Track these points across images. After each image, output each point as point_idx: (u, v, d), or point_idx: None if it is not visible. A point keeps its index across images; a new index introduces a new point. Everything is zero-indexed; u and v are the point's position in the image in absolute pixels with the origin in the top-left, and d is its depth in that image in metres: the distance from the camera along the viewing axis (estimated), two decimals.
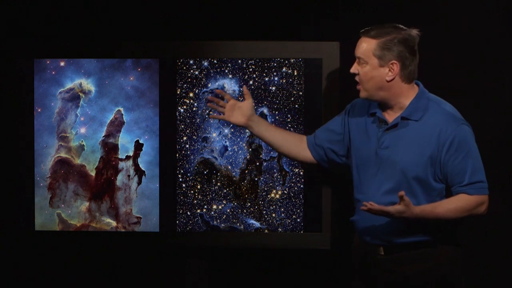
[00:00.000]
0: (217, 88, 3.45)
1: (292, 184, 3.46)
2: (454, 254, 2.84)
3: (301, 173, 3.45)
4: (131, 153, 3.51)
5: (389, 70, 2.79)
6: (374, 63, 2.80)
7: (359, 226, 2.92)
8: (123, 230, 3.51)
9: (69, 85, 3.51)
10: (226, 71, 3.46)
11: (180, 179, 3.49)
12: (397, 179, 2.79)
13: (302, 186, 3.45)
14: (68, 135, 3.51)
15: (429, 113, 2.81)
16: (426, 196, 2.78)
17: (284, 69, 3.44)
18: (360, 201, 2.85)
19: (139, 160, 3.50)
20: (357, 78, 2.84)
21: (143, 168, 3.50)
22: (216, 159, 3.48)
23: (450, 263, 2.82)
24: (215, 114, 3.20)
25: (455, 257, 2.84)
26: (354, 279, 3.00)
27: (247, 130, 3.44)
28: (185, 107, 3.48)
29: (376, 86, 2.81)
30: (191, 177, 3.49)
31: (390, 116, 2.86)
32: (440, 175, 2.79)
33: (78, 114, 3.51)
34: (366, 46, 2.80)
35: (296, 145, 3.13)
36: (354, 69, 2.84)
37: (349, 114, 3.02)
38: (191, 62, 3.48)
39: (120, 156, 3.51)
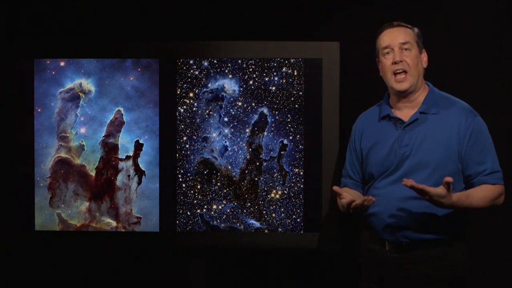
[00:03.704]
0: (217, 88, 3.45)
1: (292, 184, 3.46)
2: (465, 253, 2.86)
3: (301, 173, 3.45)
4: (131, 153, 3.51)
5: (423, 57, 2.91)
6: (416, 49, 2.87)
7: (378, 220, 2.88)
8: (123, 230, 3.51)
9: (69, 85, 3.51)
10: (226, 71, 3.46)
11: (180, 179, 3.49)
12: (417, 174, 2.80)
13: (302, 186, 3.45)
14: (68, 135, 3.51)
15: (444, 107, 2.86)
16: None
17: (284, 69, 3.44)
18: (378, 195, 2.85)
19: (139, 160, 3.50)
20: (401, 66, 2.85)
21: (143, 168, 3.50)
22: (216, 159, 3.48)
23: (462, 262, 2.83)
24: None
25: (466, 256, 2.86)
26: (363, 278, 2.98)
27: (247, 130, 3.44)
28: (185, 107, 3.48)
29: (419, 72, 2.87)
30: (191, 177, 3.49)
31: (405, 115, 2.90)
32: (461, 166, 2.81)
33: (78, 114, 3.51)
34: (406, 33, 2.87)
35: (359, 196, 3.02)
36: (399, 56, 2.84)
37: (357, 131, 3.05)
38: (191, 62, 3.48)
39: (120, 156, 3.51)
